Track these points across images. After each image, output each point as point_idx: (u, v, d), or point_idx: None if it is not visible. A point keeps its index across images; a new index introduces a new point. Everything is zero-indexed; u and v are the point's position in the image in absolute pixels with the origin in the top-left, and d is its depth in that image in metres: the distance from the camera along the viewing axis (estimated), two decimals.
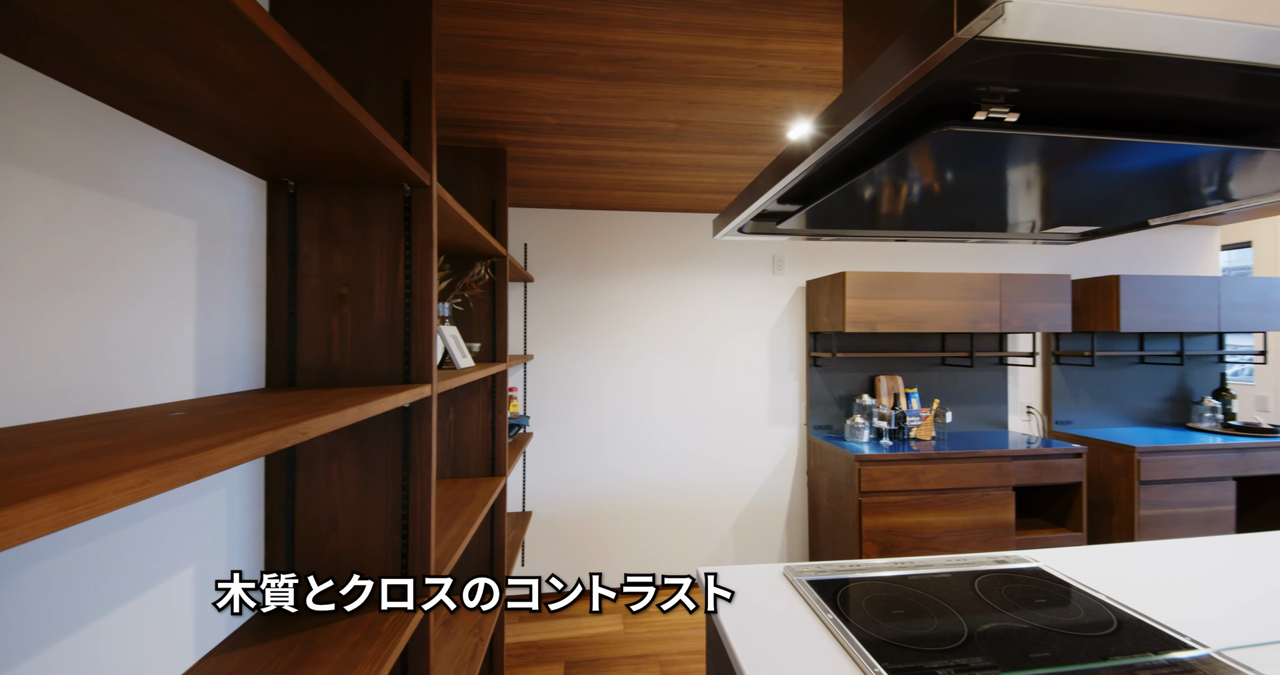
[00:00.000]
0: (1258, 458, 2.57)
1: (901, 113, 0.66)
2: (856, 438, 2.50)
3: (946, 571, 1.08)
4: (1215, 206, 1.11)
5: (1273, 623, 0.90)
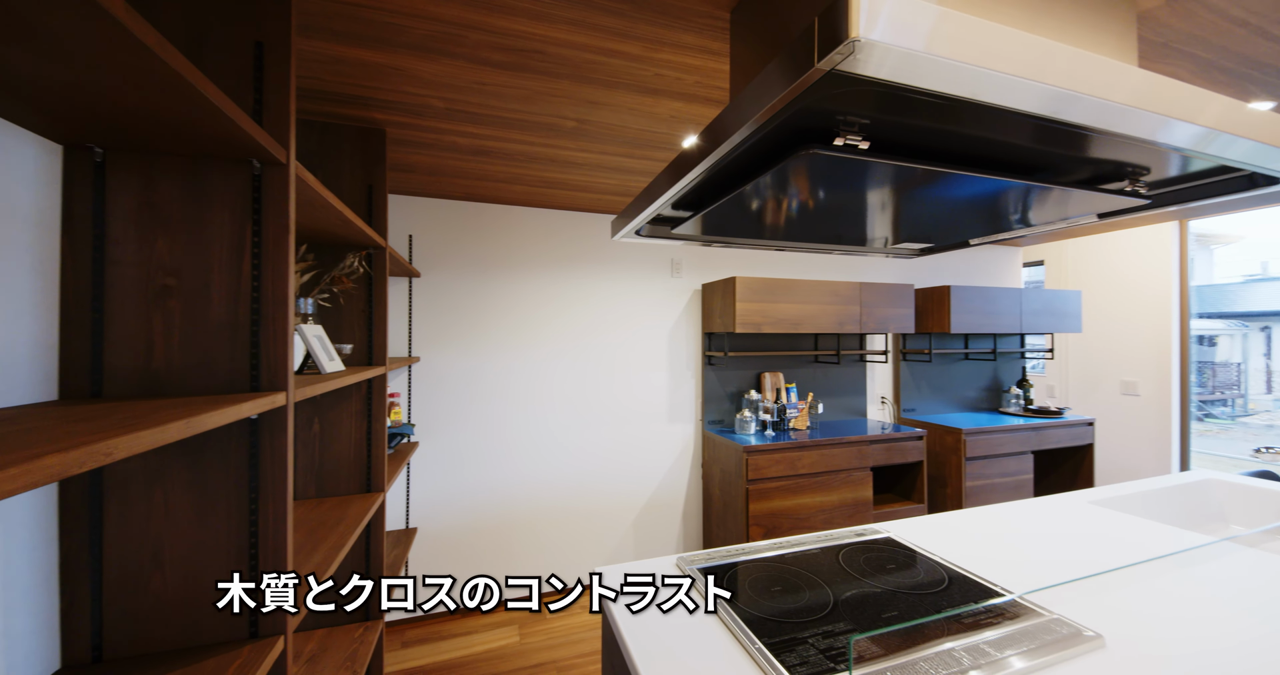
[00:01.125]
0: (1048, 435, 3.22)
1: (775, 133, 0.72)
2: (745, 430, 2.69)
3: (816, 547, 1.21)
4: (1019, 230, 1.36)
5: (1059, 569, 1.13)
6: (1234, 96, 1.63)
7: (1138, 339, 3.67)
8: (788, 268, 3.21)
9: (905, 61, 0.52)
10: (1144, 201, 0.97)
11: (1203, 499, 1.70)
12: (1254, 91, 1.60)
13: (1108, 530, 1.33)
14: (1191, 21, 1.25)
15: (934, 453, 3.10)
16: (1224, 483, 1.72)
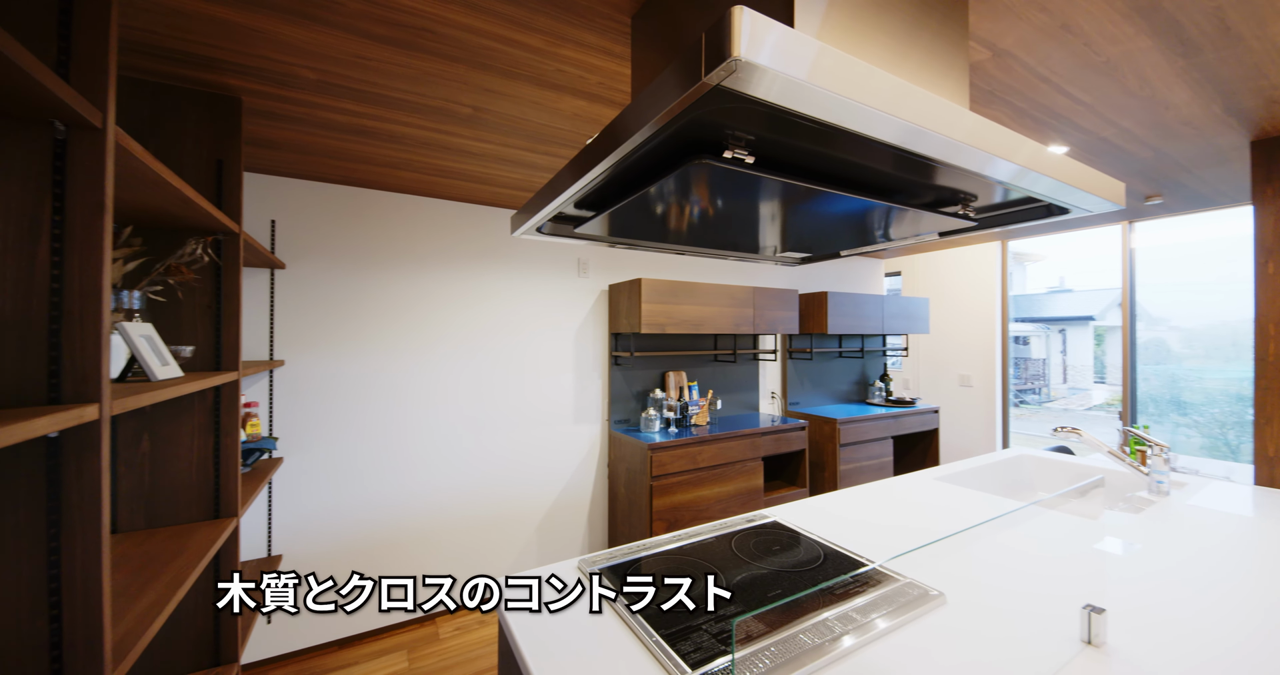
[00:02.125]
0: (904, 421, 3.71)
1: (672, 140, 0.74)
2: (650, 428, 2.75)
3: (712, 536, 1.27)
4: (880, 244, 1.55)
5: (912, 538, 1.30)
6: (1038, 140, 2.01)
7: (971, 339, 4.38)
8: (690, 271, 3.34)
9: (790, 88, 0.57)
10: (972, 223, 1.15)
11: (1017, 471, 2.07)
12: (1053, 137, 1.98)
13: (949, 502, 1.56)
14: (1010, 75, 1.51)
15: (814, 441, 3.42)
16: (1032, 457, 2.11)
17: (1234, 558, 1.15)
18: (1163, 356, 5.31)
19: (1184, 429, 5.12)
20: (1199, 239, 3.70)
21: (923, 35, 0.98)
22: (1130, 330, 3.63)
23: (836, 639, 0.85)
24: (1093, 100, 1.67)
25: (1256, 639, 0.85)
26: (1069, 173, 0.95)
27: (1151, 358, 4.74)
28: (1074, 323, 8.49)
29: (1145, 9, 1.19)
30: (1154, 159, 2.19)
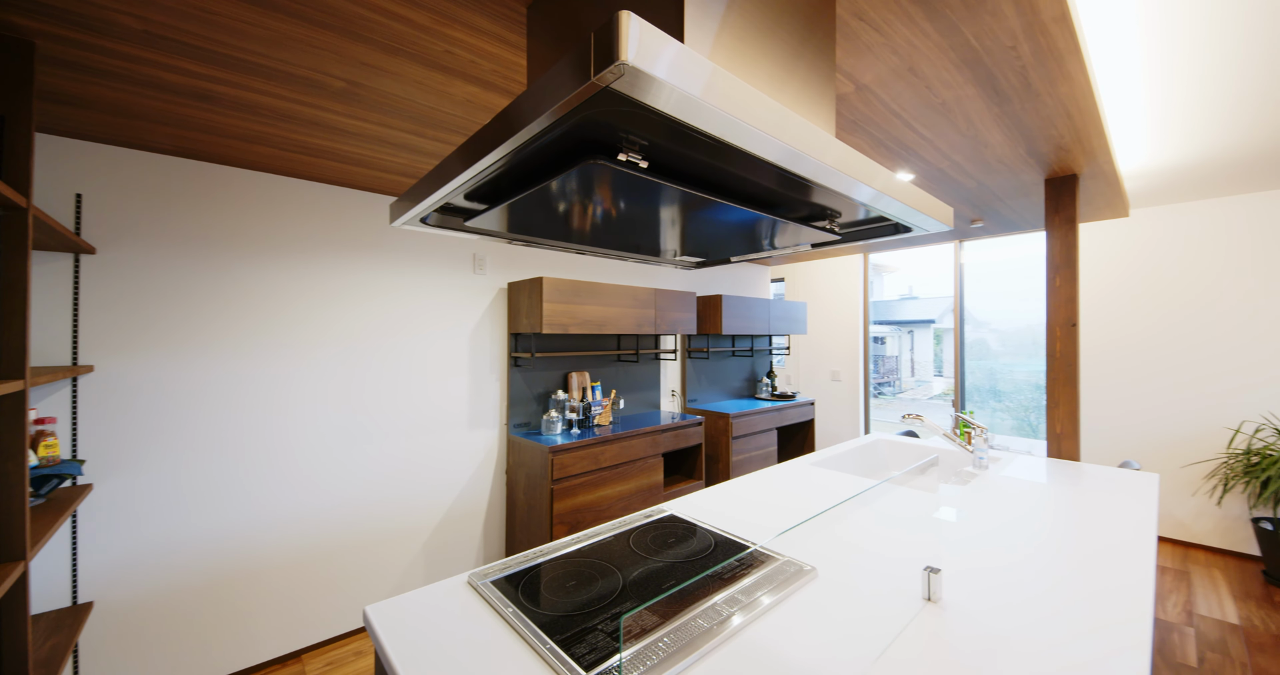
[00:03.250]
0: (787, 413, 4.05)
1: (568, 137, 0.73)
2: (551, 431, 2.70)
3: (611, 535, 1.28)
4: (765, 253, 1.67)
5: (792, 519, 1.41)
6: (890, 168, 2.32)
7: (840, 339, 4.93)
8: (593, 271, 3.34)
9: (686, 103, 0.60)
10: (837, 237, 1.29)
11: (875, 454, 2.36)
12: (902, 165, 2.29)
13: (822, 484, 1.73)
14: (870, 108, 1.72)
15: (710, 435, 3.61)
16: (886, 441, 2.42)
17: (1034, 517, 1.42)
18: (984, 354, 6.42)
19: (999, 413, 6.24)
20: (1013, 257, 4.52)
21: (800, 66, 1.07)
22: (960, 332, 4.34)
23: (726, 620, 0.90)
24: (932, 136, 1.96)
25: (1051, 580, 1.06)
26: (913, 198, 1.10)
27: (976, 355, 5.71)
28: (919, 325, 9.98)
29: (971, 61, 1.43)
30: (977, 189, 2.64)
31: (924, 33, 1.29)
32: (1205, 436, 3.14)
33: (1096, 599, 0.98)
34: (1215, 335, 3.13)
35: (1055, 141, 1.99)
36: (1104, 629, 0.88)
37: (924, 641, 0.85)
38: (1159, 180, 2.85)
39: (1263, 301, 2.98)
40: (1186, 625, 2.34)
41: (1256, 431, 2.94)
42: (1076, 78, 1.51)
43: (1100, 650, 0.82)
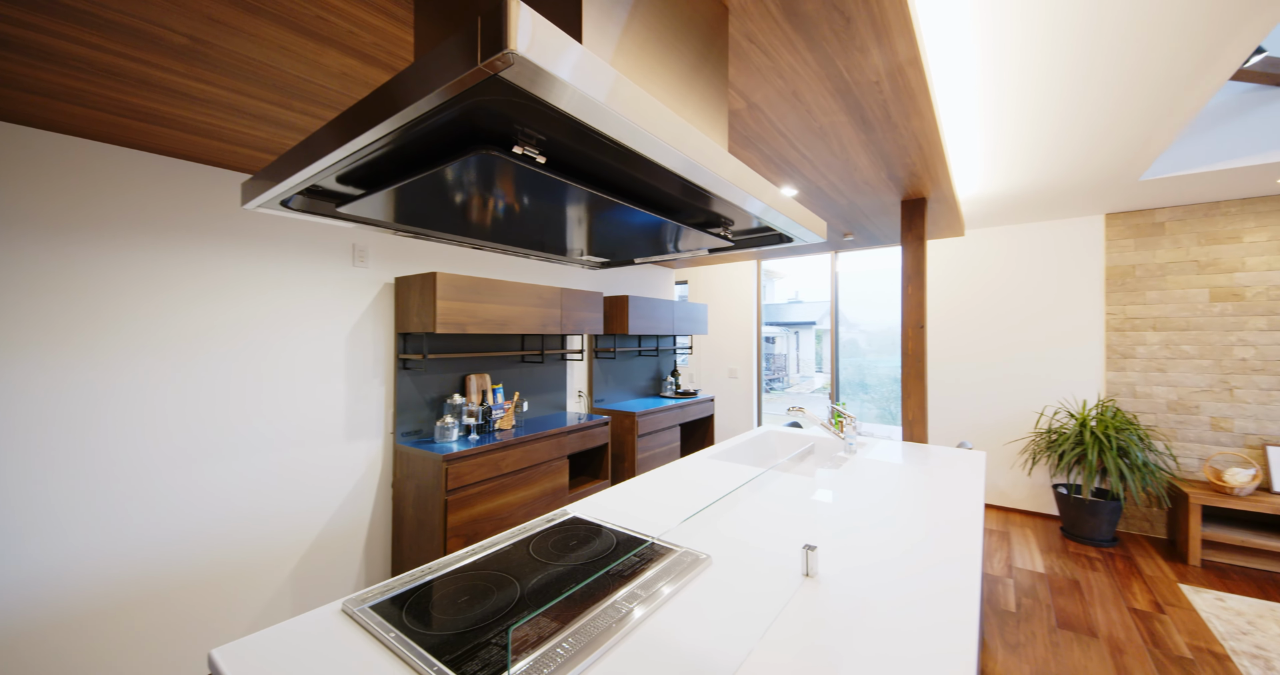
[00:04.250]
0: (689, 410, 4.22)
1: (459, 123, 0.69)
2: (446, 438, 2.54)
3: (509, 544, 1.23)
4: (667, 256, 1.72)
5: (686, 512, 1.47)
6: (777, 183, 2.52)
7: (736, 339, 5.26)
8: (494, 268, 3.20)
9: (589, 107, 0.60)
10: (731, 244, 1.38)
11: (766, 445, 2.55)
12: (787, 181, 2.50)
13: (720, 476, 1.83)
14: (760, 126, 1.85)
15: (617, 434, 3.65)
16: (775, 432, 2.63)
17: (892, 494, 1.63)
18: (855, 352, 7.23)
19: (867, 403, 7.06)
20: (879, 268, 5.13)
21: (699, 81, 1.13)
22: (835, 333, 4.85)
23: (627, 615, 0.91)
24: (812, 156, 2.17)
25: (904, 547, 1.22)
26: (795, 212, 1.21)
27: (848, 353, 6.40)
28: (804, 326, 10.98)
29: (843, 92, 1.60)
30: (848, 206, 2.96)
31: (805, 61, 1.42)
32: (1020, 419, 3.84)
33: (939, 561, 1.15)
34: (1027, 337, 3.83)
35: (909, 168, 2.30)
36: (945, 586, 1.04)
37: (803, 613, 0.94)
38: (988, 206, 3.42)
39: (1060, 310, 3.72)
40: (1007, 577, 2.83)
41: (1055, 414, 3.65)
42: (926, 115, 1.76)
43: (942, 604, 0.97)
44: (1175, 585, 2.70)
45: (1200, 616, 2.38)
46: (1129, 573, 2.86)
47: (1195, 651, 2.12)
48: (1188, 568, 2.91)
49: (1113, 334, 3.52)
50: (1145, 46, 1.63)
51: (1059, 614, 2.43)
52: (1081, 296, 3.62)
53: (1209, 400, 3.22)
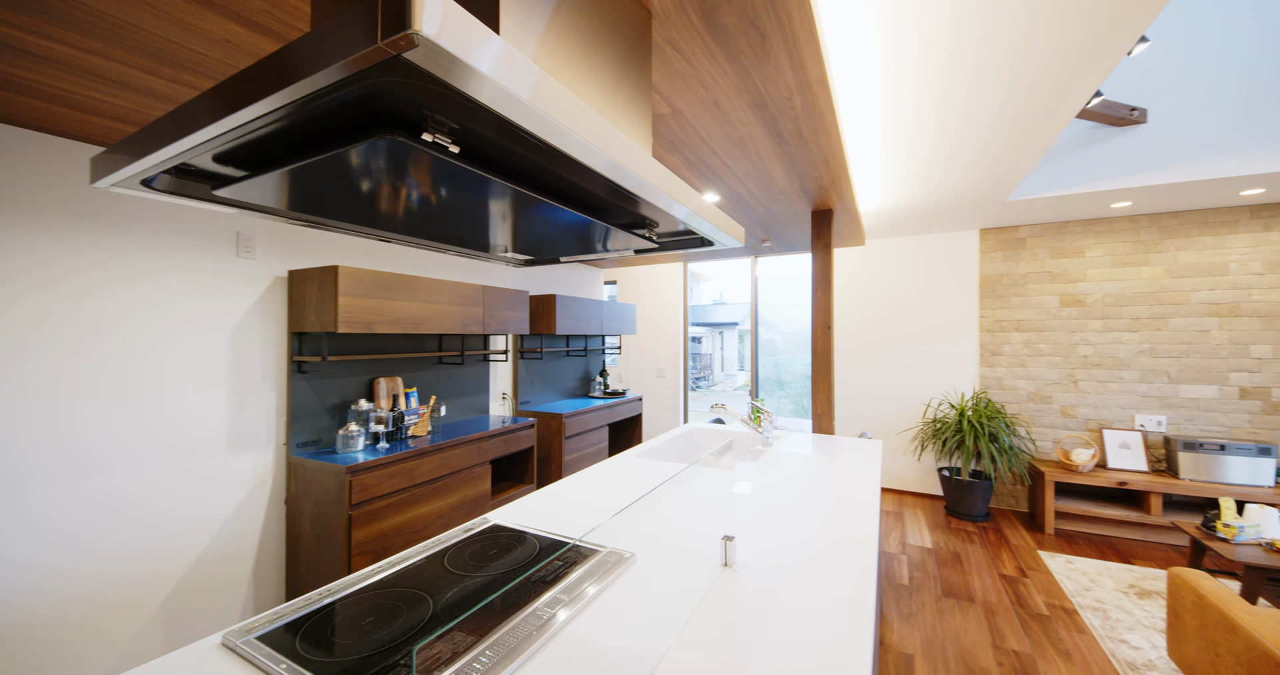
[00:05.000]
0: (618, 410, 4.23)
1: (361, 104, 0.63)
2: (351, 447, 2.33)
3: (422, 557, 1.16)
4: (593, 255, 1.71)
5: (608, 512, 1.47)
6: (700, 188, 2.60)
7: (664, 339, 5.36)
8: (408, 263, 3.00)
9: (509, 100, 0.59)
10: (656, 245, 1.40)
11: (690, 441, 2.62)
12: (709, 187, 2.59)
13: (646, 474, 1.85)
14: (684, 132, 1.90)
15: (543, 437, 3.57)
16: (700, 429, 2.71)
17: (802, 482, 1.74)
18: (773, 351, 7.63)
19: (783, 399, 7.48)
20: (795, 273, 5.45)
21: (624, 84, 1.13)
22: (755, 333, 5.10)
23: (550, 620, 0.89)
24: (733, 165, 2.26)
25: (812, 532, 1.30)
26: (716, 217, 1.25)
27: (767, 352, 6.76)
28: (728, 327, 11.46)
29: (760, 105, 1.68)
30: (766, 214, 3.13)
31: (725, 73, 1.47)
32: (911, 410, 4.26)
33: (842, 543, 1.24)
34: (917, 337, 4.26)
35: (818, 181, 2.47)
36: (846, 566, 1.12)
37: (721, 602, 0.97)
38: (886, 219, 3.77)
39: (944, 313, 4.17)
40: (901, 553, 3.13)
41: (939, 405, 4.10)
42: (832, 133, 1.90)
43: (845, 583, 1.04)
44: (1035, 552, 3.13)
45: (1055, 578, 2.78)
46: (999, 543, 3.28)
47: (1051, 608, 2.47)
48: (1045, 536, 3.39)
49: (985, 334, 4.02)
50: (1012, 86, 1.88)
51: (944, 584, 2.73)
52: (961, 301, 4.10)
53: (1059, 391, 3.77)
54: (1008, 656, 2.09)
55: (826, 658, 0.81)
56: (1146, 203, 3.26)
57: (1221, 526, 2.30)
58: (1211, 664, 1.61)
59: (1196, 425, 3.37)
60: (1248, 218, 3.26)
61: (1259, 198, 3.09)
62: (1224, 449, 3.09)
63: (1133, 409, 3.55)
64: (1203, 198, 3.12)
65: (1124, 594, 2.56)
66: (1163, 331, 3.47)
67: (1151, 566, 2.89)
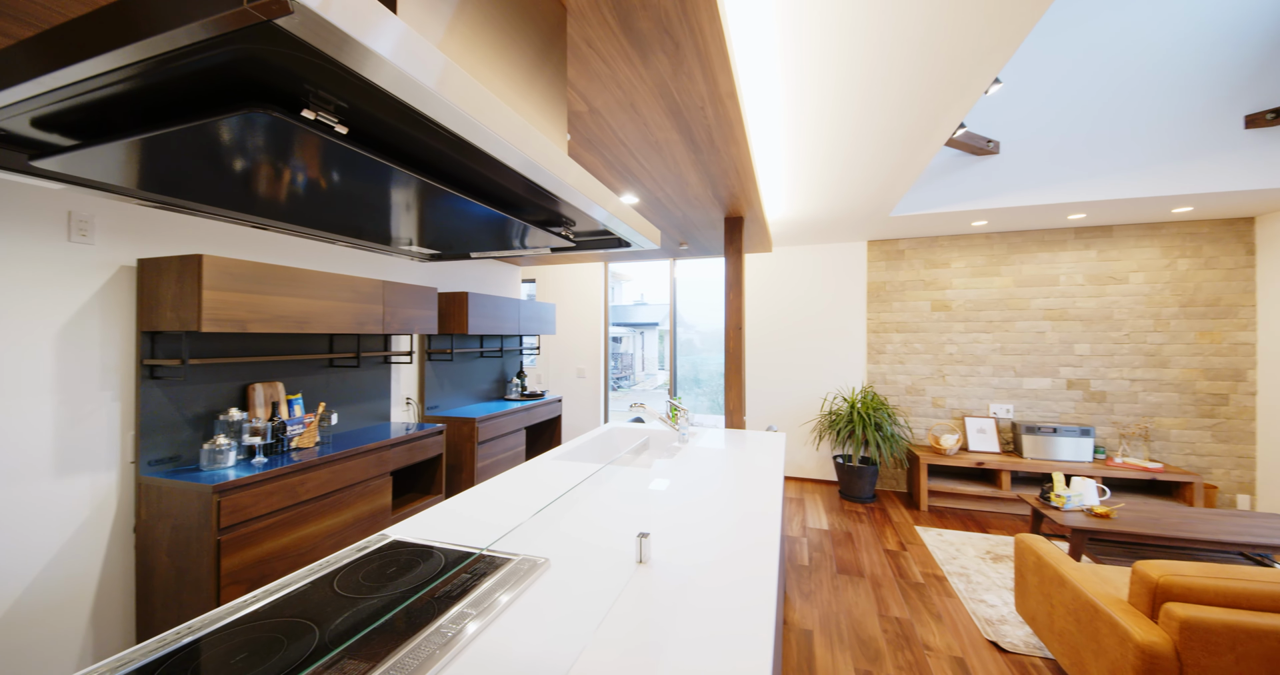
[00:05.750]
0: (536, 412, 4.12)
1: (224, 71, 0.55)
2: (220, 463, 2.04)
3: (306, 582, 1.04)
4: (505, 252, 1.64)
5: (519, 517, 1.42)
6: (619, 189, 2.62)
7: (585, 339, 5.32)
8: (294, 254, 2.68)
9: (411, 88, 0.56)
10: (573, 244, 1.38)
11: (610, 441, 2.62)
12: (629, 188, 2.61)
13: (563, 476, 1.82)
14: (602, 132, 1.89)
15: (453, 443, 3.38)
16: (619, 428, 2.72)
17: (715, 475, 1.81)
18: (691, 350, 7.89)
19: (700, 397, 7.76)
20: (711, 276, 5.66)
21: (539, 80, 1.10)
22: (674, 333, 5.24)
23: (458, 635, 0.84)
24: (651, 169, 2.30)
25: (723, 524, 1.35)
26: (633, 220, 1.26)
27: (685, 351, 6.97)
28: (648, 327, 11.66)
29: (675, 112, 1.72)
30: (683, 218, 3.22)
31: (641, 77, 1.49)
32: (812, 404, 4.61)
33: (749, 531, 1.30)
34: (817, 336, 4.62)
35: (730, 190, 2.59)
36: (754, 552, 1.18)
37: (636, 598, 0.98)
38: (790, 228, 4.04)
39: (839, 315, 4.57)
40: (802, 537, 3.37)
41: (834, 399, 4.47)
42: (741, 144, 1.99)
43: (751, 569, 1.10)
44: (913, 527, 3.53)
45: (928, 549, 3.15)
46: (884, 522, 3.65)
47: (926, 577, 2.80)
48: (920, 512, 3.83)
49: (871, 335, 4.46)
50: (896, 113, 2.10)
51: (838, 562, 2.99)
52: (852, 305, 4.52)
53: (931, 384, 4.29)
54: (891, 623, 2.34)
55: (734, 649, 0.84)
56: (999, 222, 3.81)
57: (1054, 497, 2.75)
58: (1048, 613, 1.92)
59: (1036, 412, 4.00)
60: (1073, 238, 3.93)
61: (1082, 221, 3.74)
62: (1055, 432, 3.70)
63: (988, 399, 4.13)
64: (1040, 220, 3.71)
65: (983, 559, 2.97)
66: (1010, 333, 4.07)
67: (1003, 534, 3.39)
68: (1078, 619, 1.71)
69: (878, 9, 1.52)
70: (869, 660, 2.07)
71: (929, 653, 2.11)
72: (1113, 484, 3.64)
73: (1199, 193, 3.02)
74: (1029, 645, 2.13)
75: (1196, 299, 3.64)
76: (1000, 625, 2.28)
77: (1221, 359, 3.60)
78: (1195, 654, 1.35)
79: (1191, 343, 3.65)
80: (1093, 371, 3.87)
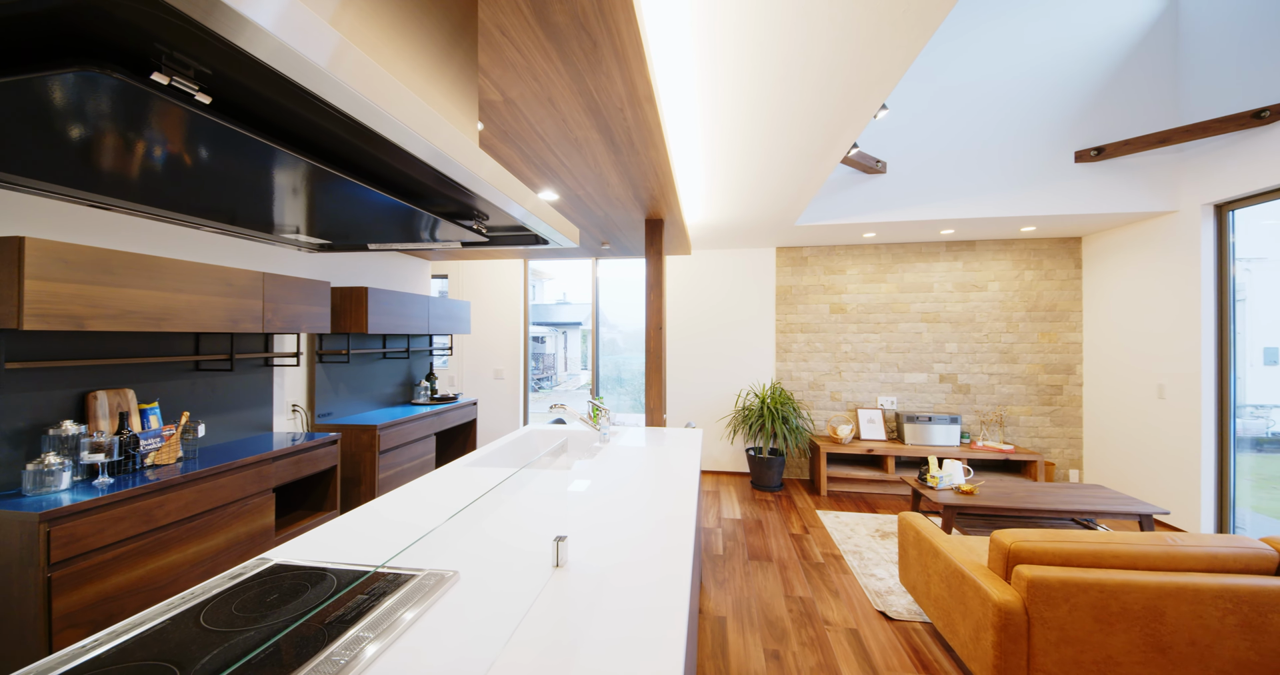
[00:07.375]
0: (447, 417, 3.89)
1: (46, 20, 0.46)
2: (49, 486, 1.70)
3: (165, 619, 0.90)
4: (413, 244, 1.54)
5: (421, 529, 1.34)
6: (537, 185, 2.56)
7: (503, 338, 5.14)
8: (150, 240, 2.31)
9: (298, 65, 0.52)
10: (485, 239, 1.33)
11: (529, 444, 2.55)
12: (547, 185, 2.56)
13: (477, 482, 1.74)
14: (518, 124, 1.83)
15: (350, 454, 3.09)
16: (539, 430, 2.65)
17: (634, 474, 1.82)
18: (614, 350, 7.92)
19: (623, 396, 7.81)
20: (634, 276, 5.70)
21: (449, 68, 1.03)
22: (597, 332, 5.23)
23: (354, 660, 0.77)
24: (570, 166, 2.27)
25: (642, 524, 1.37)
26: (551, 217, 1.24)
27: (608, 351, 6.98)
28: (571, 327, 11.52)
29: (594, 110, 1.71)
30: (605, 218, 3.22)
31: (559, 71, 1.46)
32: (727, 400, 4.83)
33: (666, 529, 1.33)
34: (732, 336, 4.85)
35: (650, 192, 2.64)
36: (670, 551, 1.21)
37: (551, 603, 0.96)
38: (708, 233, 4.20)
39: (752, 316, 4.82)
40: (717, 527, 3.52)
41: (747, 395, 4.72)
42: (660, 148, 2.04)
43: (666, 565, 1.12)
44: (815, 512, 3.82)
45: (827, 531, 3.43)
46: (790, 508, 3.92)
47: (825, 557, 3.04)
48: (821, 497, 4.16)
49: (779, 335, 4.77)
50: (798, 131, 2.26)
51: (750, 549, 3.16)
52: (764, 307, 4.81)
53: (829, 380, 4.68)
54: (795, 603, 2.51)
55: (647, 649, 0.86)
56: (885, 235, 4.24)
57: (929, 478, 3.12)
58: (925, 582, 2.16)
59: (915, 403, 4.52)
60: (945, 250, 4.48)
61: (951, 236, 4.28)
62: (930, 420, 4.20)
63: (876, 392, 4.59)
64: (918, 234, 4.19)
65: (873, 538, 3.30)
66: (894, 333, 4.56)
67: (890, 514, 3.78)
68: (949, 585, 1.95)
69: (786, 30, 1.62)
70: (776, 639, 2.21)
71: (828, 627, 2.30)
72: (976, 464, 4.21)
73: (1039, 215, 3.59)
74: (911, 612, 2.39)
75: (1039, 305, 4.32)
76: (888, 596, 2.54)
77: (1057, 356, 4.30)
78: (1039, 608, 1.60)
79: (1035, 342, 4.33)
80: (960, 367, 4.45)
